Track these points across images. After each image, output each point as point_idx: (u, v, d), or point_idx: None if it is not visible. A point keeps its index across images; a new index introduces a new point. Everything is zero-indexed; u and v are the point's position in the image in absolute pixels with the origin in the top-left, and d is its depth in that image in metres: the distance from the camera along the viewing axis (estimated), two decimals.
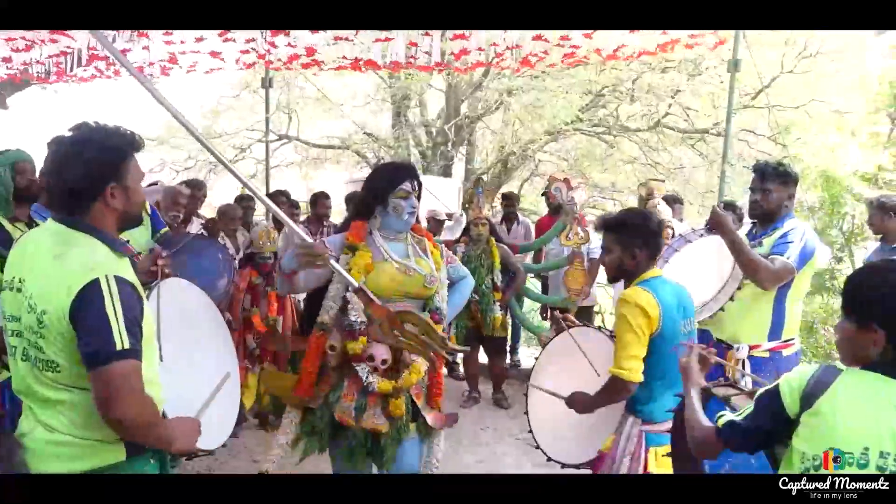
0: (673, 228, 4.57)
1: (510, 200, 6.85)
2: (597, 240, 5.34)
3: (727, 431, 1.71)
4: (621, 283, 2.65)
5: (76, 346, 1.66)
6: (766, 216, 3.22)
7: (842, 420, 1.50)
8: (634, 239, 2.54)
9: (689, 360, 2.05)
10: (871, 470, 1.47)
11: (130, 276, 1.77)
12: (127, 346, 1.65)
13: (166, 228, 4.29)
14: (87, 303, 1.64)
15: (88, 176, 1.77)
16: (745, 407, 1.71)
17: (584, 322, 3.21)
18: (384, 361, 2.69)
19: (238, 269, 4.51)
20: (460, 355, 5.89)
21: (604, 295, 7.18)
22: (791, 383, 1.59)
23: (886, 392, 1.50)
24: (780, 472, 1.64)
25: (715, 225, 3.12)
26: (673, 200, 5.72)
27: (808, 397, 1.54)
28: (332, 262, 2.60)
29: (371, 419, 2.68)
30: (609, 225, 2.64)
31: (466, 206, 5.39)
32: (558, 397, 2.72)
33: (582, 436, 2.79)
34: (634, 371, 2.41)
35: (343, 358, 2.72)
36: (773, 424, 1.62)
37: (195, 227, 5.23)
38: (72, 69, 5.74)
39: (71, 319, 1.65)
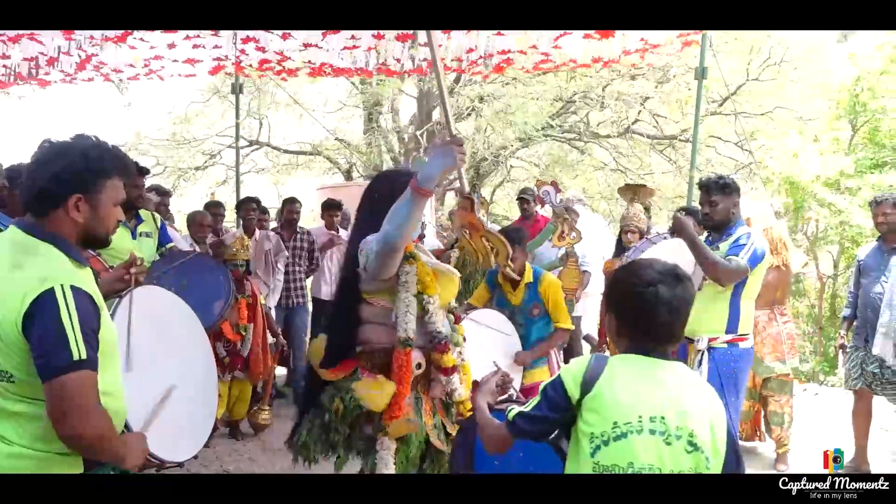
0: (641, 231, 4.64)
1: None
2: (584, 248, 5.39)
3: (517, 421, 1.83)
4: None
5: (31, 357, 1.63)
6: (718, 226, 3.57)
7: (618, 397, 1.69)
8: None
9: (490, 378, 2.19)
10: (646, 434, 1.65)
11: (89, 286, 1.73)
12: (83, 356, 1.62)
13: (173, 244, 4.27)
14: (41, 312, 1.60)
15: (56, 179, 1.74)
16: (533, 399, 1.84)
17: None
18: (419, 365, 2.54)
19: None
20: None
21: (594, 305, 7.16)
22: (571, 372, 1.76)
23: (647, 368, 1.73)
24: (569, 458, 1.78)
25: (677, 229, 3.45)
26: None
27: (587, 382, 1.72)
28: (462, 169, 2.41)
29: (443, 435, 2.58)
30: None
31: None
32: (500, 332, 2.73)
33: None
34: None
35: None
36: (557, 411, 1.77)
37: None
38: (37, 73, 5.65)
39: (24, 330, 1.61)
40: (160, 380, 2.19)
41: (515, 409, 1.85)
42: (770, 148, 12.23)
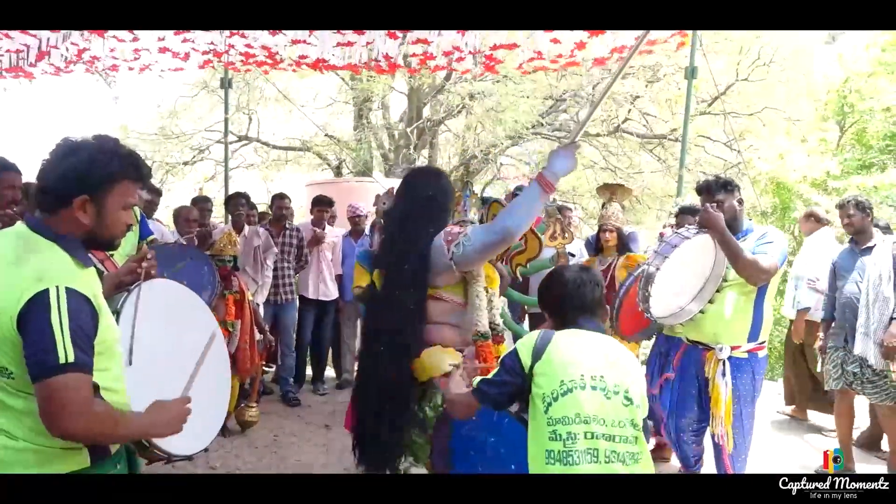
0: (620, 230, 4.62)
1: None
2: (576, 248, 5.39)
3: (481, 386, 2.17)
4: None
5: (20, 351, 1.62)
6: (728, 226, 3.30)
7: (563, 359, 2.03)
8: None
9: (455, 372, 2.42)
10: (588, 390, 1.98)
11: (88, 288, 1.72)
12: (71, 359, 1.60)
13: (153, 236, 4.24)
14: (33, 313, 1.60)
15: (62, 179, 1.74)
16: (494, 369, 2.19)
17: None
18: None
19: None
20: None
21: None
22: (525, 343, 2.11)
23: (585, 338, 2.13)
24: (529, 421, 2.07)
25: (708, 224, 3.19)
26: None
27: (537, 351, 2.07)
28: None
29: None
30: None
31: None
32: None
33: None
34: None
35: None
36: (512, 375, 2.10)
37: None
38: (25, 65, 5.59)
39: (18, 328, 1.62)
40: (168, 374, 2.17)
41: (478, 378, 2.21)
42: (758, 148, 12.30)
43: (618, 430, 1.95)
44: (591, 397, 1.96)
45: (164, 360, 2.17)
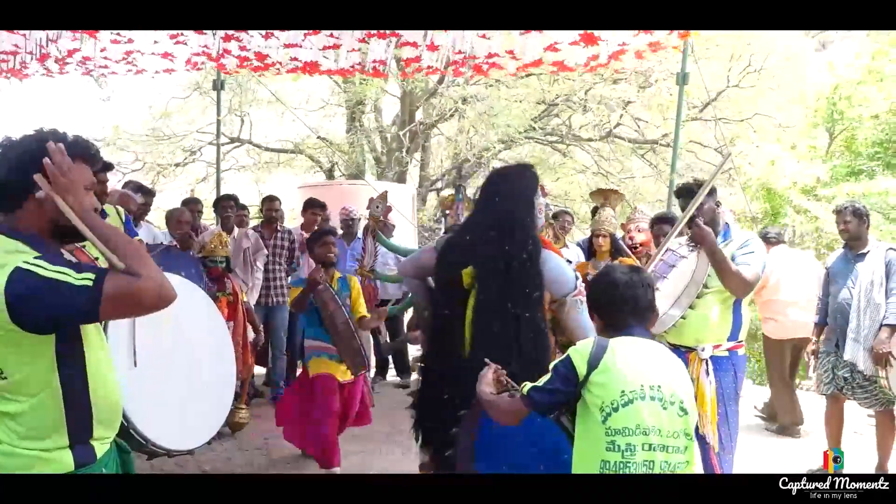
0: (613, 235, 4.65)
1: None
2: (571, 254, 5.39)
3: (532, 394, 2.09)
4: None
5: (13, 349, 1.59)
6: (709, 227, 3.40)
7: (623, 370, 1.98)
8: None
9: (487, 372, 2.37)
10: (648, 400, 1.95)
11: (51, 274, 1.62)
12: (92, 277, 1.57)
13: (137, 237, 4.21)
14: (22, 290, 1.54)
15: (14, 171, 1.67)
16: (545, 376, 2.11)
17: None
18: None
19: None
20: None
21: None
22: (580, 352, 2.04)
23: (640, 346, 2.07)
24: (578, 429, 2.05)
25: (699, 240, 3.30)
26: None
27: (594, 360, 2.00)
28: None
29: None
30: None
31: (446, 212, 5.25)
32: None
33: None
34: None
35: None
36: (567, 384, 2.04)
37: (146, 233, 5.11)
38: (17, 66, 5.55)
39: (16, 318, 1.54)
40: (170, 372, 2.16)
41: (529, 385, 2.11)
42: (748, 154, 12.38)
43: (672, 440, 1.96)
44: (651, 408, 1.95)
45: (172, 352, 2.15)
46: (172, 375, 2.07)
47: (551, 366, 2.12)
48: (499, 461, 2.54)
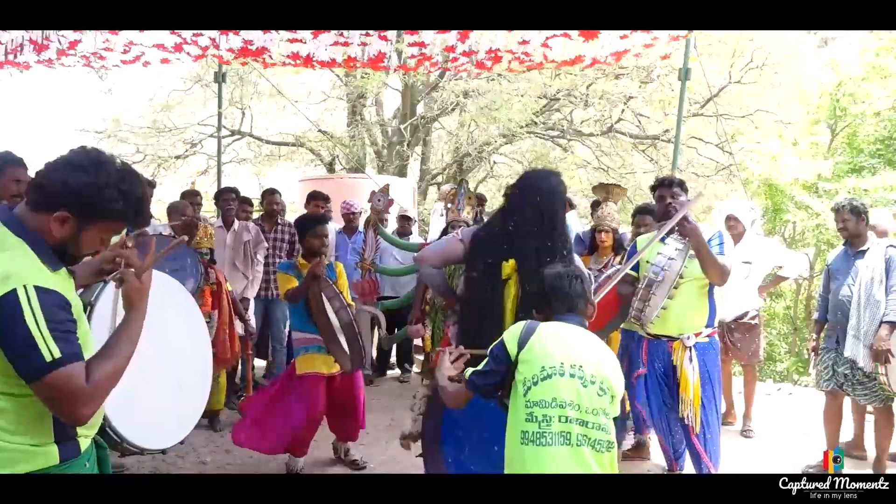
0: (615, 231, 4.64)
1: (481, 203, 6.74)
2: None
3: (472, 378, 2.31)
4: None
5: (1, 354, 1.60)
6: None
7: (546, 348, 2.16)
8: None
9: (444, 358, 2.56)
10: (567, 377, 2.11)
11: (56, 284, 1.67)
12: (56, 354, 1.58)
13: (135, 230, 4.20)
14: (6, 317, 1.56)
15: (63, 187, 1.67)
16: (483, 361, 2.31)
17: None
18: None
19: None
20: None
21: None
22: (511, 333, 2.25)
23: (567, 330, 2.25)
24: (510, 405, 2.20)
25: (687, 233, 3.53)
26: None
27: (523, 340, 2.20)
28: None
29: None
30: None
31: (448, 206, 5.23)
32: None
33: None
34: None
35: None
36: (500, 364, 2.23)
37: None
38: (16, 57, 5.54)
39: None
40: (147, 370, 2.16)
41: (469, 370, 2.34)
42: (750, 150, 12.35)
43: (591, 417, 2.08)
44: (569, 384, 2.09)
45: (149, 350, 2.15)
46: (149, 374, 2.07)
47: (489, 350, 2.31)
48: (462, 445, 2.83)
